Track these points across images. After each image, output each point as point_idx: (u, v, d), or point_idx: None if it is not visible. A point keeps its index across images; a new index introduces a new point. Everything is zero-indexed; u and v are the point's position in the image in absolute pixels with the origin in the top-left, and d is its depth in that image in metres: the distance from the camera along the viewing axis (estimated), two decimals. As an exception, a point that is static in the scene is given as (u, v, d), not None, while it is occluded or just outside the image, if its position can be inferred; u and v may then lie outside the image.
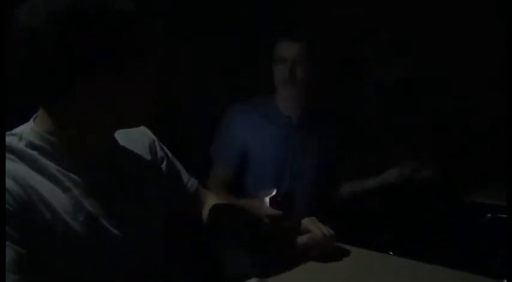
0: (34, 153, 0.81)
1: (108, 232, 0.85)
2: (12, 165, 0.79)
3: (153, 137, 1.08)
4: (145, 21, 0.82)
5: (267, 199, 1.51)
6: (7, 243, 0.71)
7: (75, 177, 0.84)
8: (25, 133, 0.84)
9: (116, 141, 0.96)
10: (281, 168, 1.75)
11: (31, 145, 0.82)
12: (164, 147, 1.10)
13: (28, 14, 0.76)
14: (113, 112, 0.84)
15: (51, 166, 0.82)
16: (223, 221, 1.19)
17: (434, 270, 1.10)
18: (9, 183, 0.75)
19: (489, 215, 1.80)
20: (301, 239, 1.12)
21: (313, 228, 1.14)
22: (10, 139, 0.83)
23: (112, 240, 0.85)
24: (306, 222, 1.16)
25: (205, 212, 1.18)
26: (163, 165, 1.07)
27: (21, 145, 0.82)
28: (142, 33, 0.82)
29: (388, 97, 2.38)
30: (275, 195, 1.51)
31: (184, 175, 1.16)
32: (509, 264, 0.92)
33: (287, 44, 1.69)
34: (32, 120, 0.88)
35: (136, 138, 1.02)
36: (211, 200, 1.22)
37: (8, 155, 0.80)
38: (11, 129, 0.87)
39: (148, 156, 1.03)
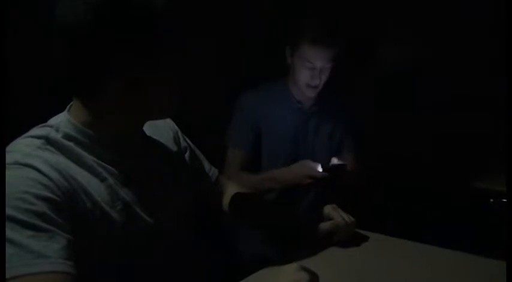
0: (71, 144, 0.83)
1: (141, 219, 0.88)
2: (53, 157, 0.80)
3: (177, 128, 1.11)
4: (176, 14, 0.83)
5: (310, 164, 1.59)
6: (58, 231, 0.72)
7: (110, 168, 0.86)
8: (61, 125, 0.84)
9: (144, 132, 0.98)
10: (293, 151, 1.78)
11: (68, 136, 0.83)
12: (186, 138, 1.13)
13: (68, 8, 0.77)
14: (144, 104, 0.86)
15: (88, 157, 0.84)
16: (244, 209, 1.21)
17: (445, 253, 1.15)
18: (54, 174, 0.76)
19: (491, 200, 1.87)
20: (324, 226, 1.16)
21: (335, 215, 1.18)
22: (47, 131, 0.83)
23: (144, 227, 0.88)
24: (328, 209, 1.19)
25: (225, 200, 1.21)
26: (187, 155, 1.10)
27: (58, 137, 0.83)
28: (175, 26, 0.83)
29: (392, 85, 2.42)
30: (325, 162, 1.58)
31: (206, 164, 1.19)
32: (509, 247, 0.95)
33: (319, 53, 1.66)
34: (66, 111, 0.88)
35: (161, 129, 1.04)
36: (231, 188, 1.24)
37: (47, 146, 0.80)
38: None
39: (173, 147, 1.06)
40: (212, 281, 1.22)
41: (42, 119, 0.89)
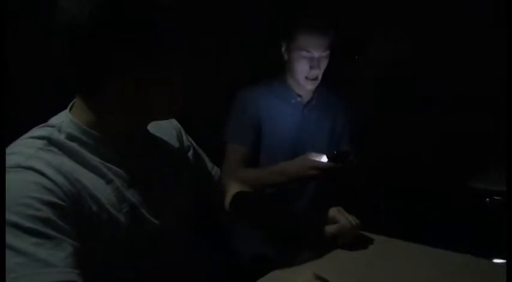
0: (74, 145, 0.80)
1: (147, 221, 0.86)
2: (57, 158, 0.77)
3: (179, 126, 1.08)
4: (177, 14, 0.82)
5: (315, 156, 1.57)
6: (64, 238, 0.70)
7: (116, 169, 0.84)
8: (64, 125, 0.82)
9: (148, 132, 0.97)
10: (292, 145, 1.77)
11: (71, 137, 0.81)
12: (189, 137, 1.11)
13: (72, 5, 0.75)
14: (145, 105, 0.84)
15: (93, 158, 0.81)
16: (245, 208, 1.20)
17: (449, 255, 1.14)
18: (58, 178, 0.74)
19: (487, 199, 1.88)
20: (330, 229, 1.14)
21: (341, 218, 1.15)
22: (50, 131, 0.80)
23: (150, 229, 0.87)
24: (333, 211, 1.17)
25: (227, 200, 1.20)
26: (190, 154, 1.08)
27: (61, 137, 0.80)
28: (175, 26, 0.82)
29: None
30: (330, 150, 1.57)
31: (209, 163, 1.18)
32: (509, 245, 0.95)
33: (315, 41, 1.66)
34: (68, 110, 0.86)
35: (165, 128, 1.03)
36: (233, 188, 1.23)
37: (49, 147, 0.78)
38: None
39: (176, 145, 1.04)
40: (212, 281, 1.22)
41: (43, 119, 0.87)
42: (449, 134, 2.29)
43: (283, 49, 1.76)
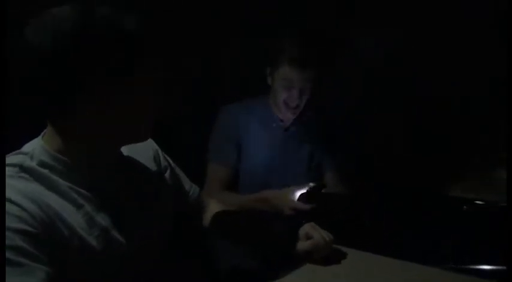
0: (46, 171, 0.83)
1: (119, 243, 0.88)
2: (28, 185, 0.80)
3: (156, 146, 1.10)
4: (149, 34, 0.84)
5: (295, 192, 1.57)
6: (34, 265, 0.72)
7: (86, 193, 0.86)
8: (36, 152, 0.85)
9: (122, 154, 0.98)
10: (269, 170, 1.75)
11: (42, 164, 0.84)
12: (167, 156, 1.13)
13: (36, 32, 0.78)
14: (120, 127, 0.86)
15: (63, 184, 0.84)
16: (224, 228, 1.22)
17: (426, 270, 1.15)
18: (28, 204, 0.76)
19: (465, 207, 1.85)
20: (303, 245, 1.16)
21: (314, 234, 1.16)
22: (22, 158, 0.84)
23: (123, 251, 0.89)
24: (307, 227, 1.18)
25: (207, 218, 1.22)
26: (167, 174, 1.10)
27: (33, 164, 0.83)
28: (147, 47, 0.84)
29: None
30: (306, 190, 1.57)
31: (186, 182, 1.19)
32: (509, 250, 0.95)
33: (297, 73, 1.62)
34: (40, 137, 0.89)
35: (140, 149, 1.04)
36: (213, 206, 1.25)
37: (21, 174, 0.81)
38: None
39: (153, 167, 1.06)
40: None
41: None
42: (450, 134, 2.29)
43: (267, 72, 1.72)
